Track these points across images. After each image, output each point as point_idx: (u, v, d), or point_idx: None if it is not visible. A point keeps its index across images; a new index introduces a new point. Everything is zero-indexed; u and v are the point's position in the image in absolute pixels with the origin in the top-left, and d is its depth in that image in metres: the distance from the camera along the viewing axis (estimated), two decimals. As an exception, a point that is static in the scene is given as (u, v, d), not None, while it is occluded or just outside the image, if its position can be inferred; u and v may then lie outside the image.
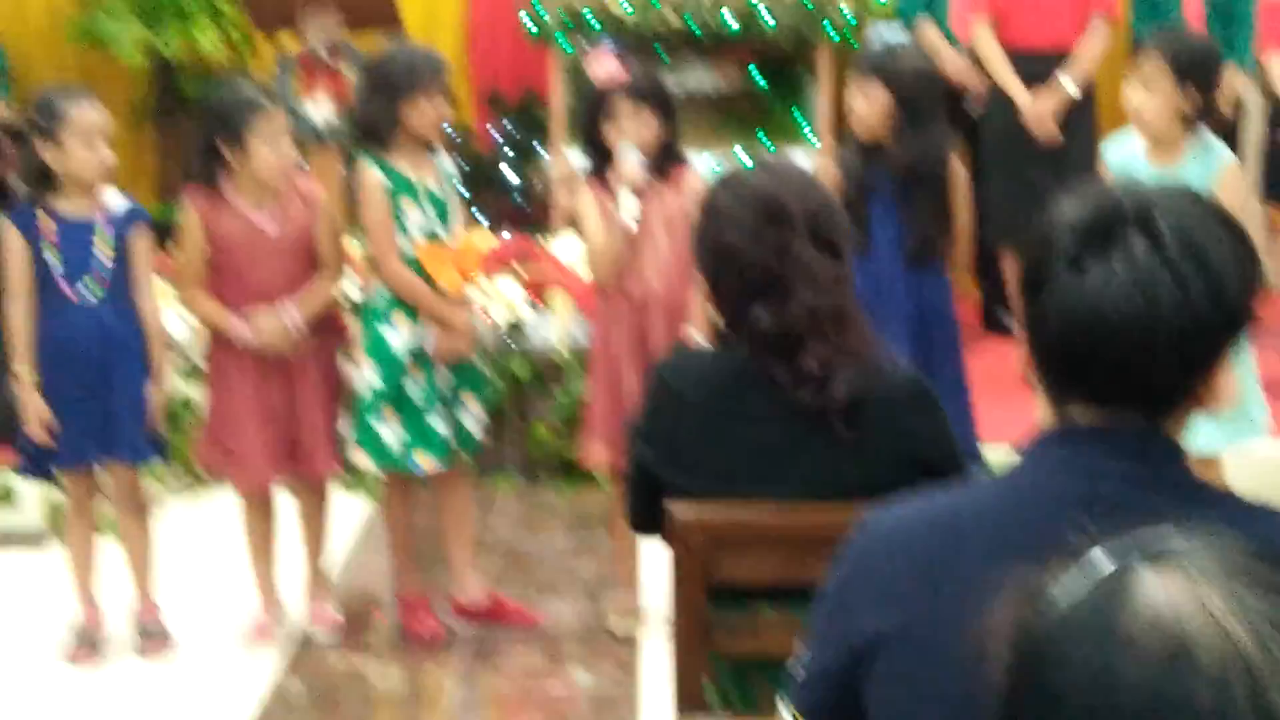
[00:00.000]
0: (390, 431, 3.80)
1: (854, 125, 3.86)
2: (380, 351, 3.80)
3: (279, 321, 3.75)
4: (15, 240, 3.71)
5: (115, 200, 3.77)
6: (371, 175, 3.76)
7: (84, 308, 3.72)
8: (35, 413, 3.73)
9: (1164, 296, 1.34)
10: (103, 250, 3.71)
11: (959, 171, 3.86)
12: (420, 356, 3.81)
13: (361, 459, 3.85)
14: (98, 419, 3.76)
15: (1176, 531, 0.95)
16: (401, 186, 3.76)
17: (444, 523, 4.04)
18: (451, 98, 3.84)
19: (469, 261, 3.88)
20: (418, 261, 3.78)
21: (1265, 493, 1.50)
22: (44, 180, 3.70)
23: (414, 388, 3.80)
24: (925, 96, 3.76)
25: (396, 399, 3.80)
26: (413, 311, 3.80)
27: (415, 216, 3.78)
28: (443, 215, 3.82)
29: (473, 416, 3.92)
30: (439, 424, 3.82)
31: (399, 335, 3.80)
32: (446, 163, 3.88)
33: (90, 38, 6.74)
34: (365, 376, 3.82)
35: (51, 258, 3.70)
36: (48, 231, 3.70)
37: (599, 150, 3.72)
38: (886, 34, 3.90)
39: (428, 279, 3.79)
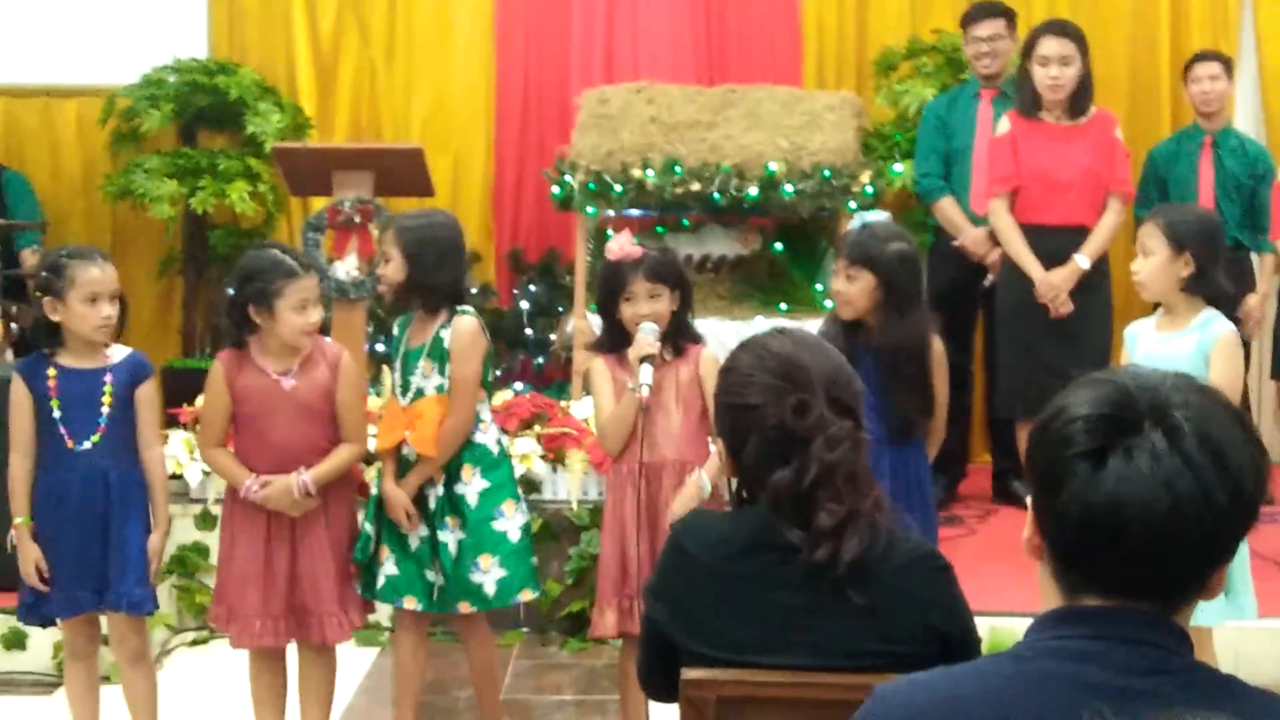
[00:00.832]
0: (381, 570, 3.89)
1: (838, 306, 3.90)
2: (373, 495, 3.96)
3: (290, 488, 3.77)
4: (21, 392, 3.78)
5: (120, 353, 3.84)
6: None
7: (83, 457, 3.75)
8: (31, 560, 3.75)
9: (1186, 494, 1.36)
10: (104, 402, 3.77)
11: (939, 349, 3.91)
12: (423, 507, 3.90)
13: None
14: (95, 568, 3.77)
15: None
16: (392, 345, 3.99)
17: (472, 679, 4.09)
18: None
19: (417, 425, 3.85)
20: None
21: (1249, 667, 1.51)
22: (51, 335, 3.78)
23: (412, 536, 3.87)
24: (908, 279, 3.82)
25: (392, 541, 3.90)
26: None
27: (391, 375, 3.99)
28: (405, 376, 3.90)
29: (490, 577, 3.90)
30: (435, 576, 3.87)
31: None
32: (447, 331, 3.87)
33: (125, 194, 6.89)
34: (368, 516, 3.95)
35: (54, 408, 3.76)
36: (52, 383, 3.76)
37: (614, 327, 3.78)
38: (869, 218, 3.95)
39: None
